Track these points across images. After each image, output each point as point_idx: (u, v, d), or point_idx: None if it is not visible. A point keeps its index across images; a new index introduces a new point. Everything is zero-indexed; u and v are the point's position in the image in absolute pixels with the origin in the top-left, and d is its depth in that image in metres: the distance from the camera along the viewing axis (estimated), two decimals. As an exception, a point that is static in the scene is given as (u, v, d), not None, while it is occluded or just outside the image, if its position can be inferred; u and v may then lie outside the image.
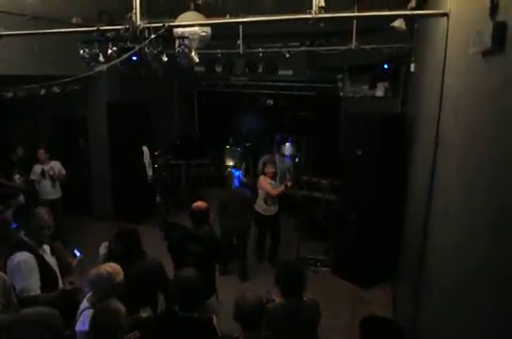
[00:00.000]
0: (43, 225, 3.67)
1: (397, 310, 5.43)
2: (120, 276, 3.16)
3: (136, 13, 3.94)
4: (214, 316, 3.41)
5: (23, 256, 3.47)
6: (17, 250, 3.51)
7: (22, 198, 6.57)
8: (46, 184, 7.46)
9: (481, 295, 2.00)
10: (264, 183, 6.67)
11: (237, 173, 7.75)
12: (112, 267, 3.17)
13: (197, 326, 3.09)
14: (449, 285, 2.66)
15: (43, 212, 3.73)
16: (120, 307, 2.72)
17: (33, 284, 3.43)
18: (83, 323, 2.93)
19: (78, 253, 3.97)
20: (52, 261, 3.76)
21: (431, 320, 3.15)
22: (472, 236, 2.21)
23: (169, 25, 4.02)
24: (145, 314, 3.34)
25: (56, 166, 7.57)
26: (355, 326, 4.54)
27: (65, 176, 7.67)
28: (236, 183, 6.78)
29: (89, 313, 2.92)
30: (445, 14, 3.28)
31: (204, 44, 5.37)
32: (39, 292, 3.43)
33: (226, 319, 4.05)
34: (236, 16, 4.28)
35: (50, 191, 7.50)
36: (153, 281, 3.78)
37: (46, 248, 3.78)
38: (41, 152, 7.42)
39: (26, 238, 3.63)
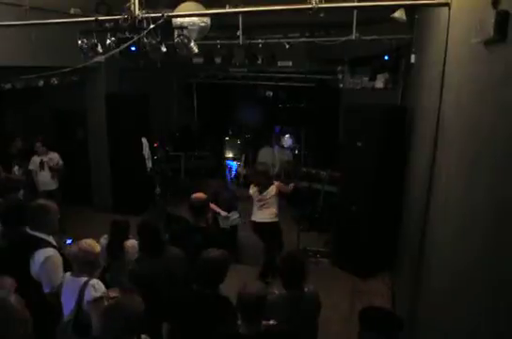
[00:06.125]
0: (57, 218, 3.69)
1: (396, 300, 5.46)
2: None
3: (134, 3, 3.91)
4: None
5: (49, 252, 3.45)
6: (39, 247, 3.45)
7: (22, 192, 6.54)
8: (45, 175, 7.52)
9: (480, 286, 2.00)
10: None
11: (234, 165, 7.65)
12: (90, 243, 3.28)
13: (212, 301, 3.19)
14: (448, 276, 2.66)
15: (54, 205, 3.70)
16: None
17: (58, 281, 3.41)
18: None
19: (69, 240, 3.99)
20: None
21: (429, 311, 3.16)
22: (472, 227, 2.21)
23: (168, 16, 3.99)
24: None
25: (54, 157, 7.66)
26: (354, 316, 4.57)
27: (63, 167, 7.74)
28: (228, 176, 6.65)
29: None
30: (446, 4, 3.25)
31: (203, 35, 5.35)
32: None
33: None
34: (236, 6, 4.25)
35: (49, 182, 7.59)
36: None
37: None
38: (38, 145, 7.51)
39: (40, 234, 3.56)
